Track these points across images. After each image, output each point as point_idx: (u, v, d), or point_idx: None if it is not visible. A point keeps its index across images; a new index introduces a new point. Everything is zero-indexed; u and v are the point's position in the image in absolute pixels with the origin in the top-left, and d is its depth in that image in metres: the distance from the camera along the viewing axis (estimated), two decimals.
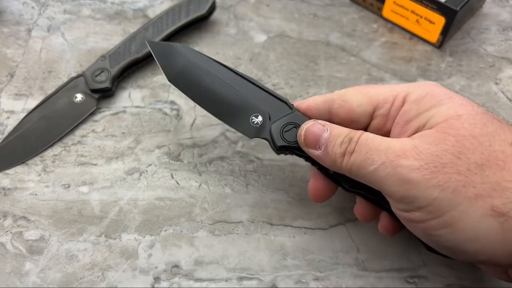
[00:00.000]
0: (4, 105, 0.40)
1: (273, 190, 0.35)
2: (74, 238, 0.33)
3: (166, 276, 0.31)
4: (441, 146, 0.23)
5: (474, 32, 0.46)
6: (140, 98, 0.41)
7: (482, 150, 0.22)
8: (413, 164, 0.23)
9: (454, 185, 0.22)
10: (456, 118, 0.23)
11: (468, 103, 0.25)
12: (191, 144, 0.38)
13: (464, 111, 0.24)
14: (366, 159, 0.25)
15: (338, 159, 0.26)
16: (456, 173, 0.22)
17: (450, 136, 0.23)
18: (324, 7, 0.49)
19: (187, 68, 0.33)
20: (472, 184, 0.22)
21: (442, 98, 0.25)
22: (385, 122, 0.28)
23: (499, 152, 0.22)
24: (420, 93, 0.26)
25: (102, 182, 0.36)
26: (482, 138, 0.23)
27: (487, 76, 0.43)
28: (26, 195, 0.35)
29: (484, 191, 0.22)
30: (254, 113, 0.31)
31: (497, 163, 0.22)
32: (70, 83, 0.40)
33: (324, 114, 0.30)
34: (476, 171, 0.22)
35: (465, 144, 0.23)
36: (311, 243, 0.33)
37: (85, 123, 0.39)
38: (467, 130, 0.23)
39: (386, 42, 0.45)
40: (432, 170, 0.22)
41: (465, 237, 0.22)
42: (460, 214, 0.22)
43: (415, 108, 0.26)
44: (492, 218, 0.21)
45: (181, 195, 0.35)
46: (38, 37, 0.45)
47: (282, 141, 0.29)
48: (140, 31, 0.43)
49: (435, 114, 0.24)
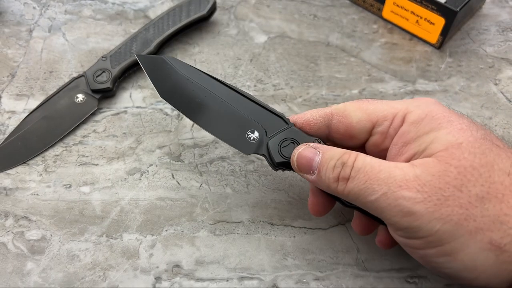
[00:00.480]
0: (5, 105, 0.40)
1: (274, 190, 0.35)
2: (76, 238, 0.33)
3: (167, 276, 0.31)
4: (444, 179, 0.23)
5: (474, 33, 0.46)
6: (141, 98, 0.41)
7: (482, 182, 0.23)
8: (416, 197, 0.23)
9: (456, 218, 0.22)
10: (456, 147, 0.23)
11: (467, 127, 0.24)
12: (192, 144, 0.38)
13: (464, 138, 0.24)
14: (365, 188, 0.24)
15: (332, 184, 0.26)
16: (458, 206, 0.22)
17: (452, 167, 0.23)
18: (324, 8, 0.49)
19: (179, 83, 0.32)
20: (473, 218, 0.22)
21: (441, 121, 0.25)
22: (383, 140, 0.28)
23: (498, 184, 0.23)
24: (419, 114, 0.26)
25: (103, 182, 0.36)
26: (482, 169, 0.23)
27: (487, 77, 0.43)
28: (28, 195, 0.35)
29: (484, 225, 0.22)
30: (250, 128, 0.30)
31: (497, 195, 0.22)
32: (71, 83, 0.41)
33: (323, 128, 0.29)
34: (477, 204, 0.22)
35: (467, 176, 0.23)
36: (312, 243, 0.33)
37: (86, 123, 0.39)
38: (467, 160, 0.23)
39: (386, 42, 0.46)
40: (436, 203, 0.22)
41: (463, 267, 0.23)
42: (460, 245, 0.22)
43: (414, 130, 0.25)
44: (489, 251, 0.22)
45: (182, 195, 0.35)
46: (39, 37, 0.45)
47: (280, 157, 0.29)
48: (141, 31, 0.43)
49: (435, 139, 0.24)
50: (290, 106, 0.40)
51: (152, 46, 0.42)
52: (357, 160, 0.25)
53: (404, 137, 0.26)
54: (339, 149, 0.27)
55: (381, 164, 0.25)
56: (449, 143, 0.24)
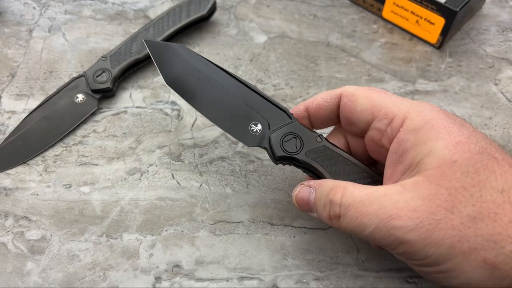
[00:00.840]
0: (5, 105, 0.40)
1: (274, 190, 0.35)
2: (76, 238, 0.33)
3: (167, 276, 0.31)
4: (435, 202, 0.23)
5: (474, 33, 0.46)
6: (141, 98, 0.41)
7: (473, 202, 0.22)
8: (408, 225, 0.23)
9: (450, 241, 0.22)
10: (449, 165, 0.23)
11: (466, 140, 0.24)
12: (192, 144, 0.38)
13: (459, 155, 0.23)
14: (358, 225, 0.25)
15: (328, 222, 0.27)
16: (451, 228, 0.22)
17: (443, 188, 0.23)
18: (324, 8, 0.49)
19: (185, 71, 0.32)
20: (466, 238, 0.22)
21: (440, 131, 0.24)
22: (380, 137, 0.28)
23: (490, 203, 0.22)
24: (419, 122, 0.25)
25: (103, 182, 0.36)
26: (472, 190, 0.23)
27: (487, 77, 0.43)
28: (28, 195, 0.35)
29: (477, 244, 0.22)
30: (254, 121, 0.30)
31: (489, 214, 0.22)
32: (71, 83, 0.41)
33: (335, 110, 0.29)
34: (469, 224, 0.22)
35: (457, 197, 0.22)
36: (311, 243, 0.33)
37: (86, 123, 0.39)
38: (458, 181, 0.23)
39: (386, 42, 0.46)
40: (428, 228, 0.22)
41: (459, 282, 0.23)
42: (455, 265, 0.23)
43: (412, 138, 0.25)
44: (484, 269, 0.22)
45: (182, 195, 0.35)
46: (39, 37, 0.45)
47: (281, 151, 0.29)
48: (141, 31, 0.43)
49: (430, 152, 0.24)
50: (290, 106, 0.40)
51: None
52: (345, 196, 0.25)
53: (403, 145, 0.26)
54: (329, 184, 0.27)
55: (370, 196, 0.24)
56: (443, 160, 0.23)
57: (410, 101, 0.27)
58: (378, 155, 0.29)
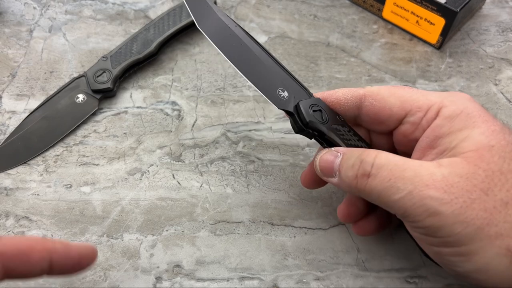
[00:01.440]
0: (6, 105, 0.40)
1: (274, 191, 0.35)
2: (76, 238, 0.33)
3: (168, 276, 0.31)
4: (472, 181, 0.23)
5: (474, 33, 0.46)
6: (142, 98, 0.41)
7: (508, 187, 0.23)
8: (443, 198, 0.22)
9: (479, 223, 0.22)
10: (487, 149, 0.23)
11: (500, 130, 0.24)
12: (192, 144, 0.38)
13: (496, 141, 0.23)
14: (389, 187, 0.24)
15: (352, 182, 0.26)
16: (483, 210, 0.22)
17: (480, 170, 0.23)
18: (324, 8, 0.49)
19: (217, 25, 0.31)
20: (495, 222, 0.22)
21: (476, 120, 0.25)
22: (413, 130, 0.27)
23: None
24: (454, 110, 0.25)
25: (104, 182, 0.36)
26: (509, 175, 0.23)
27: (487, 77, 0.43)
28: (28, 195, 0.35)
29: (504, 230, 0.22)
30: (281, 87, 0.30)
31: None
32: (72, 83, 0.41)
33: (353, 109, 0.29)
34: (501, 209, 0.22)
35: (494, 180, 0.23)
36: (312, 243, 0.33)
37: (87, 124, 0.39)
38: (496, 164, 0.23)
39: (386, 43, 0.46)
40: (462, 205, 0.22)
41: (476, 268, 0.23)
42: (478, 249, 0.22)
43: (448, 125, 0.25)
44: (505, 257, 0.22)
45: (182, 195, 0.35)
46: (39, 37, 0.45)
47: (312, 117, 0.28)
48: (141, 31, 0.43)
49: (467, 138, 0.24)
50: None
51: (152, 46, 0.42)
52: (378, 158, 0.25)
53: (437, 131, 0.25)
54: (359, 148, 0.27)
55: (406, 163, 0.24)
56: (481, 144, 0.23)
57: (440, 93, 0.27)
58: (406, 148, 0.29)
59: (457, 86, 0.42)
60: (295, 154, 0.37)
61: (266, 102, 0.41)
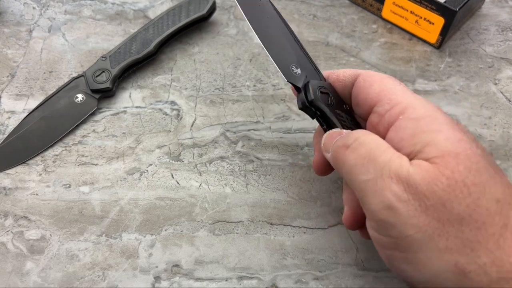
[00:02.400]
0: (5, 105, 0.40)
1: (273, 190, 0.35)
2: (75, 237, 0.33)
3: (167, 276, 0.31)
4: (432, 187, 0.22)
5: (473, 33, 0.46)
6: (141, 98, 0.41)
7: (469, 202, 0.21)
8: (402, 195, 0.22)
9: (431, 231, 0.21)
10: (453, 156, 0.22)
11: (467, 140, 0.23)
12: (191, 144, 0.38)
13: (462, 149, 0.22)
14: (361, 165, 0.24)
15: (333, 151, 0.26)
16: (437, 219, 0.21)
17: (444, 177, 0.22)
18: (323, 8, 0.49)
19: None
20: (446, 236, 0.21)
21: (443, 126, 0.23)
22: (378, 122, 0.27)
23: (484, 209, 0.21)
24: (422, 113, 0.24)
25: (103, 182, 0.36)
26: (473, 188, 0.21)
27: (486, 77, 0.43)
28: (27, 195, 0.35)
29: (454, 246, 0.21)
30: (295, 64, 0.31)
31: (477, 221, 0.21)
32: (71, 83, 0.41)
33: (349, 87, 0.30)
34: (455, 223, 0.21)
35: (455, 191, 0.21)
36: (311, 243, 0.33)
37: (86, 123, 0.39)
38: (461, 174, 0.22)
39: (385, 42, 0.46)
40: (417, 208, 0.22)
41: (422, 279, 0.22)
42: (425, 259, 0.22)
43: (412, 127, 0.24)
44: (452, 274, 0.21)
45: (181, 195, 0.35)
46: (39, 37, 0.46)
47: (318, 98, 0.29)
48: (140, 31, 0.43)
49: (432, 142, 0.23)
50: (289, 106, 0.40)
51: (151, 46, 0.42)
52: (365, 135, 0.25)
53: (401, 132, 0.24)
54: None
55: (386, 149, 0.24)
56: (446, 150, 0.22)
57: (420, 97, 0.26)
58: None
59: (456, 85, 0.42)
60: (294, 154, 0.37)
61: (265, 102, 0.41)
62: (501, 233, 0.21)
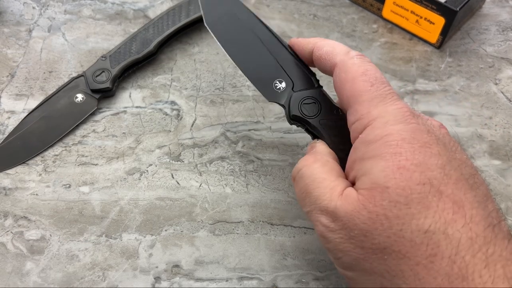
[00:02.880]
0: (5, 105, 0.40)
1: (273, 190, 0.35)
2: (75, 238, 0.33)
3: (167, 276, 0.31)
4: (354, 220, 0.23)
5: (474, 33, 0.46)
6: (141, 98, 0.41)
7: (389, 233, 0.21)
8: (330, 225, 0.24)
9: (355, 257, 0.23)
10: (379, 191, 0.22)
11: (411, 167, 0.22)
12: (191, 144, 0.38)
13: (394, 182, 0.22)
14: (302, 199, 0.26)
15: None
16: (360, 247, 0.23)
17: (365, 211, 0.22)
18: (324, 8, 0.49)
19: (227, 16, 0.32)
20: (370, 261, 0.22)
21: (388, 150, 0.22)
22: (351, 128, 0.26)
23: (407, 241, 0.21)
24: (375, 135, 0.23)
25: (103, 182, 0.36)
26: (395, 221, 0.21)
27: (487, 77, 0.43)
28: (27, 195, 0.35)
29: (378, 271, 0.22)
30: (279, 78, 0.31)
31: (399, 252, 0.21)
32: (71, 83, 0.40)
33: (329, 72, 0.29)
34: (377, 252, 0.22)
35: (375, 224, 0.22)
36: (311, 243, 0.33)
37: (86, 123, 0.39)
38: (383, 208, 0.22)
39: (386, 42, 0.46)
40: (343, 237, 0.23)
41: None
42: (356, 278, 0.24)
43: (362, 151, 0.24)
44: None
45: (181, 195, 0.35)
46: (38, 37, 0.45)
47: (298, 111, 0.29)
48: (140, 31, 0.43)
49: (368, 171, 0.23)
50: None
51: (151, 45, 0.42)
52: (306, 167, 0.26)
53: (354, 155, 0.25)
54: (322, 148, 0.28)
55: (321, 182, 0.25)
56: (376, 184, 0.22)
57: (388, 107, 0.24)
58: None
59: (457, 85, 0.42)
60: (295, 154, 0.37)
61: (265, 102, 0.41)
62: (428, 262, 0.21)
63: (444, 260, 0.20)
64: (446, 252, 0.20)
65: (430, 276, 0.21)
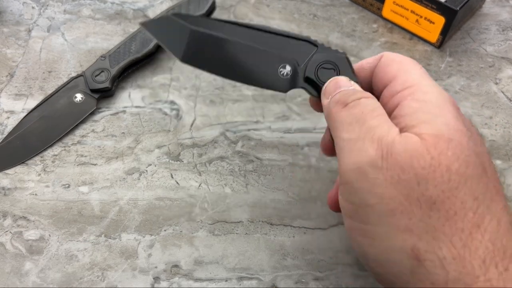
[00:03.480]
0: (4, 105, 0.40)
1: (273, 190, 0.35)
2: (74, 238, 0.33)
3: (166, 276, 0.31)
4: (412, 162, 0.20)
5: (474, 32, 0.46)
6: (140, 98, 0.41)
7: (444, 188, 0.20)
8: (377, 160, 0.21)
9: (393, 206, 0.20)
10: (445, 140, 0.20)
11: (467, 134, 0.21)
12: (191, 144, 0.38)
13: (457, 139, 0.21)
14: (349, 123, 0.23)
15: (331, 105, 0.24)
16: (405, 196, 0.20)
17: (429, 156, 0.20)
18: (324, 7, 0.49)
19: (195, 40, 0.28)
20: (410, 216, 0.20)
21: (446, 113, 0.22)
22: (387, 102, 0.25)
23: (458, 201, 0.20)
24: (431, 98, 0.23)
25: (102, 182, 0.36)
26: (453, 176, 0.20)
27: (487, 76, 0.43)
28: (26, 195, 0.35)
29: (416, 229, 0.20)
30: (281, 64, 0.28)
31: (449, 210, 0.20)
32: (70, 83, 0.40)
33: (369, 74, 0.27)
34: (424, 206, 0.20)
35: (435, 173, 0.20)
36: (311, 243, 0.33)
37: (85, 123, 0.39)
38: (447, 159, 0.20)
39: (386, 42, 0.45)
40: (387, 178, 0.20)
41: (375, 256, 0.22)
42: (382, 235, 0.21)
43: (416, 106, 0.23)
44: (407, 258, 0.20)
45: (180, 195, 0.35)
46: (38, 37, 0.45)
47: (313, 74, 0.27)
48: (140, 31, 0.43)
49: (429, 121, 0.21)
50: (289, 105, 0.40)
51: (151, 45, 0.42)
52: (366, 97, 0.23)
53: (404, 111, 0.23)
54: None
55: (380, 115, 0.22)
56: (441, 133, 0.21)
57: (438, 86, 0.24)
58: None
59: (457, 85, 0.42)
60: (294, 154, 0.37)
61: (265, 102, 0.41)
62: (471, 232, 0.19)
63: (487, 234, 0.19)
64: (489, 227, 0.19)
65: (471, 247, 0.19)
